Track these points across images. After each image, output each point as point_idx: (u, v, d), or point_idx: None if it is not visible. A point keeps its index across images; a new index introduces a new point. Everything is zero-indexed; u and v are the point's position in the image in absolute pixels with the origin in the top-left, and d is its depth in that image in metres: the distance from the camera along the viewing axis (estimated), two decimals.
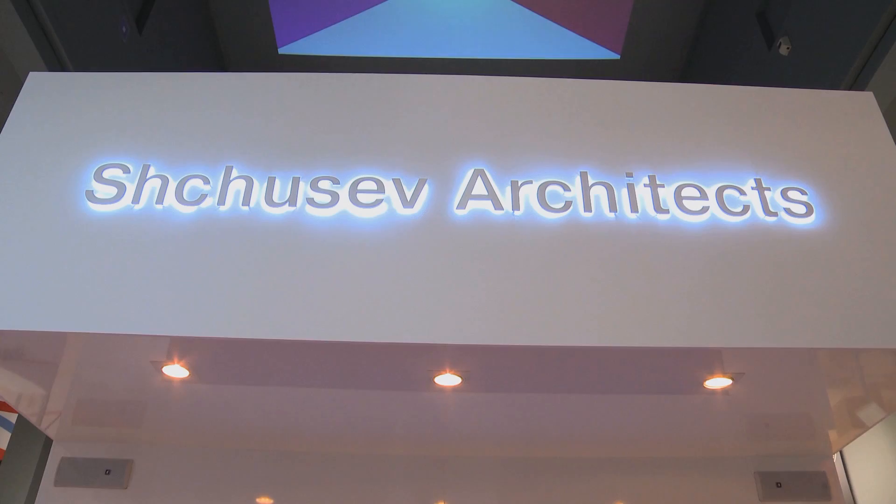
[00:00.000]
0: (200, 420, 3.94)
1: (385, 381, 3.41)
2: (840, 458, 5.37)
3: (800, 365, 3.28)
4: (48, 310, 2.98)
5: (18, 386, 3.62)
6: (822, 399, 3.68)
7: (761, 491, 4.10)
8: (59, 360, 3.35)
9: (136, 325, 2.98)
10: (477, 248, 3.18)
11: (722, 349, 3.05)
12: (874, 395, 3.65)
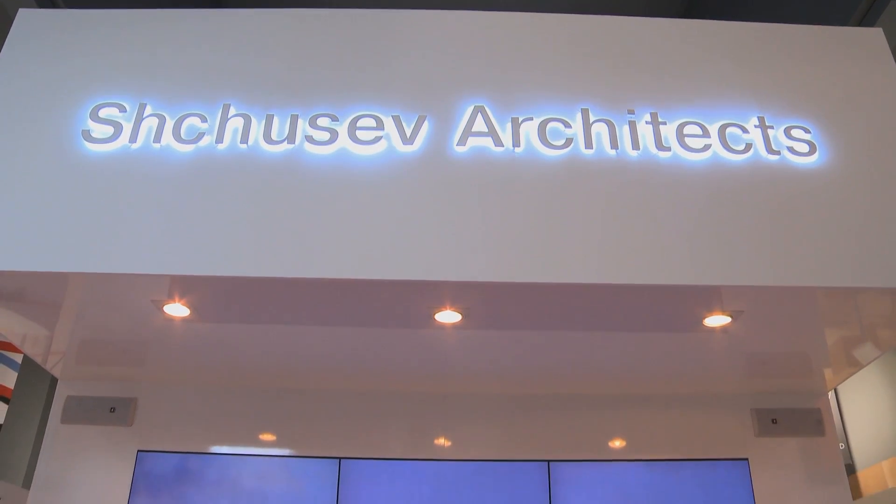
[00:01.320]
0: (203, 359, 3.97)
1: (385, 318, 3.43)
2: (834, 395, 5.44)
3: (798, 304, 3.30)
4: (49, 250, 3.00)
5: (22, 327, 3.65)
6: (819, 338, 3.71)
7: (757, 427, 4.16)
8: (61, 300, 3.36)
9: (136, 264, 2.99)
10: (477, 186, 3.17)
11: (721, 287, 3.06)
12: (870, 334, 3.67)
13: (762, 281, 3.04)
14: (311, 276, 2.97)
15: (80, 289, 3.24)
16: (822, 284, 3.06)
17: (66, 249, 3.00)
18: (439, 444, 4.14)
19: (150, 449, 4.08)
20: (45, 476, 4.02)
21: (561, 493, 4.00)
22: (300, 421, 4.18)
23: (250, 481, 4.01)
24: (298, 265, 2.97)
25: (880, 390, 7.51)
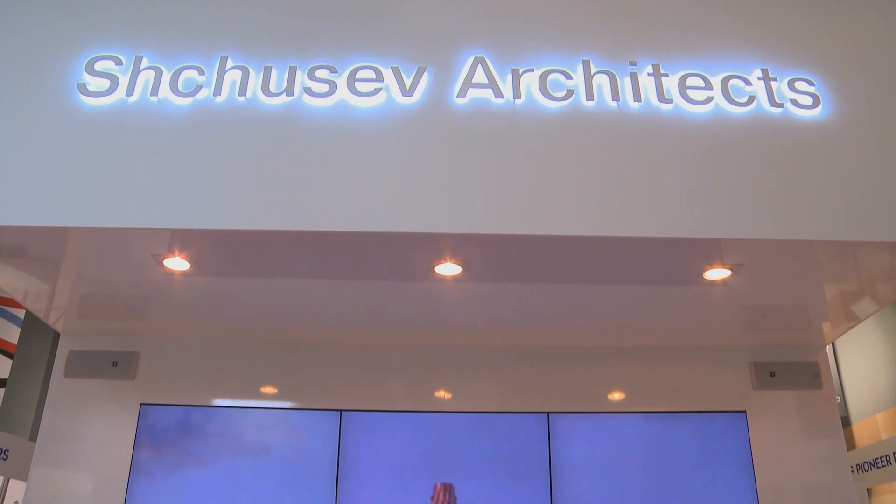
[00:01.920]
0: (204, 312, 3.99)
1: (386, 270, 3.43)
2: (831, 349, 5.47)
3: (799, 257, 3.30)
4: (48, 205, 2.99)
5: (24, 282, 3.66)
6: (818, 292, 3.72)
7: (755, 380, 4.21)
8: (61, 255, 3.36)
9: (136, 218, 2.98)
10: (477, 137, 3.15)
11: (722, 240, 3.06)
12: (869, 289, 3.69)
13: (762, 234, 3.04)
14: (311, 229, 2.96)
15: (81, 243, 3.23)
16: (822, 238, 3.06)
17: (65, 204, 2.99)
18: (439, 396, 4.18)
19: (152, 402, 4.12)
20: (50, 429, 4.08)
21: (560, 444, 4.05)
22: (301, 374, 4.22)
23: (252, 433, 4.06)
24: (298, 218, 2.97)
25: (877, 344, 7.57)
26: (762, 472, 4.03)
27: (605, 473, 4.01)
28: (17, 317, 7.09)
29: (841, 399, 7.82)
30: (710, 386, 4.23)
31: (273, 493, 3.93)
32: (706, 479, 4.01)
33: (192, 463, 4.00)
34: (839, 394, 7.70)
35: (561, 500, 3.93)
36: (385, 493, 3.94)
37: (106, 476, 3.98)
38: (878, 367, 7.52)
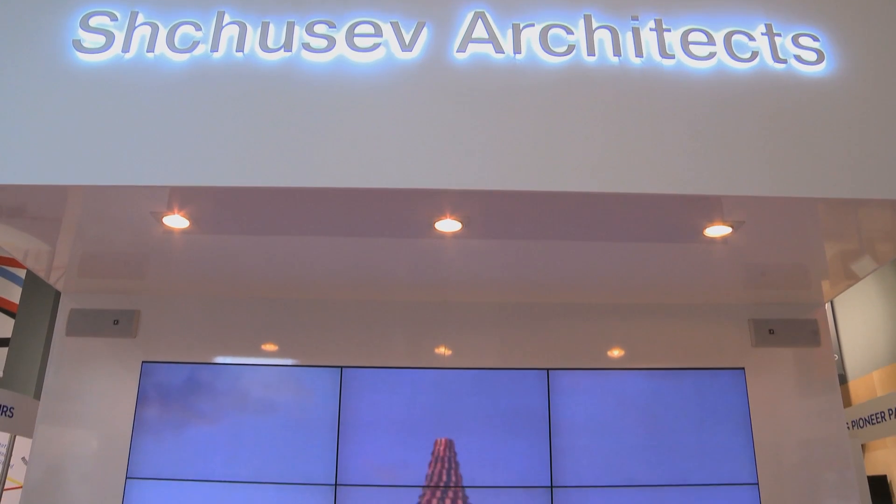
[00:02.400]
0: (204, 270, 4.00)
1: (386, 227, 3.43)
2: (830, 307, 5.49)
3: (800, 215, 3.29)
4: (46, 164, 2.97)
5: (24, 242, 3.66)
6: (818, 250, 3.72)
7: (754, 337, 4.23)
8: (60, 214, 3.36)
9: (135, 175, 2.97)
10: (477, 93, 3.12)
11: (723, 197, 3.04)
12: (869, 247, 3.69)
13: (764, 191, 3.02)
14: (310, 186, 2.95)
15: (79, 202, 3.22)
16: (824, 196, 3.05)
17: (63, 162, 2.98)
18: (439, 352, 4.20)
19: (154, 360, 4.15)
20: (53, 387, 4.11)
21: (560, 400, 4.09)
22: (302, 331, 4.24)
23: (254, 390, 4.09)
24: (297, 174, 2.95)
25: (875, 303, 7.61)
26: (760, 428, 4.08)
27: (605, 429, 4.05)
28: (18, 277, 7.12)
29: (838, 357, 7.89)
30: (710, 343, 4.25)
31: (275, 447, 3.98)
32: (704, 435, 4.06)
33: (194, 419, 4.04)
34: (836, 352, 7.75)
35: (560, 455, 3.98)
36: (386, 447, 3.99)
37: (109, 432, 4.02)
38: (875, 326, 7.57)
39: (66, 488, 3.95)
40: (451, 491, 3.93)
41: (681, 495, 3.95)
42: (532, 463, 3.97)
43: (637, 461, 4.00)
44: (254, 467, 3.96)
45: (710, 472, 4.00)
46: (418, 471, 3.96)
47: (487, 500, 3.92)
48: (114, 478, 3.95)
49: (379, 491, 3.92)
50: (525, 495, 3.92)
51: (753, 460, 4.02)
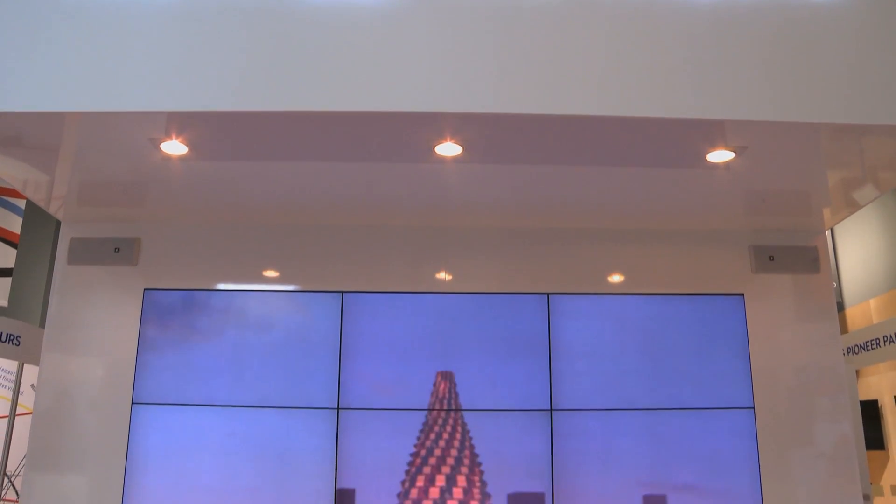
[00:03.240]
0: (204, 197, 3.98)
1: (385, 151, 3.40)
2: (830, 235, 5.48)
3: (803, 141, 3.26)
4: (43, 90, 2.93)
5: (23, 172, 3.65)
6: (820, 177, 3.70)
7: (754, 263, 4.24)
8: (58, 142, 3.33)
9: (132, 101, 2.93)
10: (478, 14, 3.04)
11: (725, 121, 3.01)
12: (871, 176, 3.67)
13: (767, 116, 2.98)
14: (308, 109, 2.91)
15: (77, 129, 3.19)
16: (828, 121, 3.01)
17: (60, 88, 2.94)
18: (440, 277, 4.23)
19: (156, 287, 4.18)
20: (57, 316, 4.15)
21: (560, 324, 4.13)
22: (303, 256, 4.25)
23: (256, 317, 4.13)
24: (295, 98, 2.91)
25: (874, 231, 7.62)
26: (757, 354, 4.13)
27: (604, 353, 4.11)
28: (18, 207, 7.11)
29: (836, 284, 7.94)
30: (709, 269, 4.27)
31: (277, 372, 4.05)
32: (703, 360, 4.12)
33: (196, 346, 4.09)
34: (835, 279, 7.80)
35: (560, 378, 4.05)
36: (387, 371, 4.05)
37: (114, 359, 4.08)
38: (873, 254, 7.60)
39: (74, 414, 4.03)
40: (451, 414, 4.01)
41: (678, 418, 4.03)
42: (532, 386, 4.04)
43: (636, 385, 4.07)
44: (257, 392, 4.03)
45: (708, 396, 4.07)
46: (419, 394, 4.03)
47: (487, 422, 4.00)
48: (120, 403, 4.02)
49: (380, 414, 4.00)
50: (525, 418, 4.00)
51: (750, 385, 4.09)
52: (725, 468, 3.99)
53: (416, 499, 3.92)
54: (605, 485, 3.95)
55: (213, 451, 3.96)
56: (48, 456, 3.96)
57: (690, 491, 3.96)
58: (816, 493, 3.97)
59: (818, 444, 4.04)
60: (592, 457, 3.97)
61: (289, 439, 3.96)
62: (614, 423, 4.02)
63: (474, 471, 3.96)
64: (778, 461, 4.00)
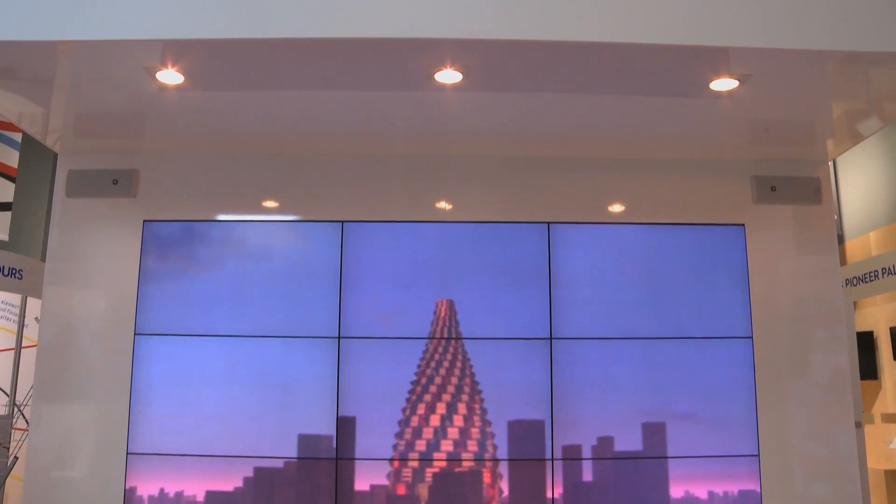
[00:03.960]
0: (202, 127, 3.94)
1: (385, 79, 3.35)
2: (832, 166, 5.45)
3: (810, 70, 3.20)
4: (35, 18, 2.87)
5: (17, 104, 3.62)
6: (825, 107, 3.66)
7: (756, 194, 4.22)
8: (52, 73, 3.28)
9: (126, 29, 2.87)
10: None
11: (730, 48, 2.95)
12: (877, 107, 3.63)
13: (774, 43, 2.93)
14: (307, 36, 2.86)
15: (71, 59, 3.14)
16: (835, 48, 2.96)
17: (53, 17, 2.88)
18: (440, 206, 4.22)
19: (155, 219, 4.17)
20: (57, 249, 4.16)
21: (560, 253, 4.14)
22: (303, 186, 4.24)
23: (256, 247, 4.14)
24: (293, 24, 2.85)
25: (877, 163, 7.58)
26: (757, 284, 4.15)
27: (604, 282, 4.12)
28: (14, 140, 7.06)
29: (837, 217, 7.94)
30: (710, 198, 4.25)
31: (278, 302, 4.07)
32: (702, 290, 4.14)
33: (197, 276, 4.11)
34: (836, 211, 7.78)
35: (560, 307, 4.08)
36: (388, 300, 4.08)
37: (116, 291, 4.10)
38: (875, 186, 7.57)
39: (78, 346, 4.07)
40: (452, 343, 4.05)
41: (677, 347, 4.08)
42: (532, 315, 4.07)
43: (635, 314, 4.11)
44: (258, 322, 4.07)
45: (706, 326, 4.11)
46: (420, 322, 4.07)
47: (487, 351, 4.05)
48: (123, 334, 4.06)
49: (381, 342, 4.04)
50: (525, 346, 4.05)
51: (749, 315, 4.12)
52: (722, 397, 4.06)
53: (417, 426, 3.99)
54: (604, 412, 4.01)
55: (216, 381, 4.02)
56: (54, 387, 4.02)
57: (688, 419, 4.04)
58: (810, 421, 4.05)
59: (814, 374, 4.09)
60: (591, 385, 4.03)
61: (290, 368, 4.02)
62: (613, 352, 4.06)
63: (474, 398, 4.02)
64: (774, 390, 4.07)
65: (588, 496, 3.96)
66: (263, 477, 3.94)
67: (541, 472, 3.96)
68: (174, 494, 3.93)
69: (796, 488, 3.99)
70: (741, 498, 3.97)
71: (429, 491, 3.95)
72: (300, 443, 3.96)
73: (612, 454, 4.00)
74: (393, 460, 3.97)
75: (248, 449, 3.95)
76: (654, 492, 3.98)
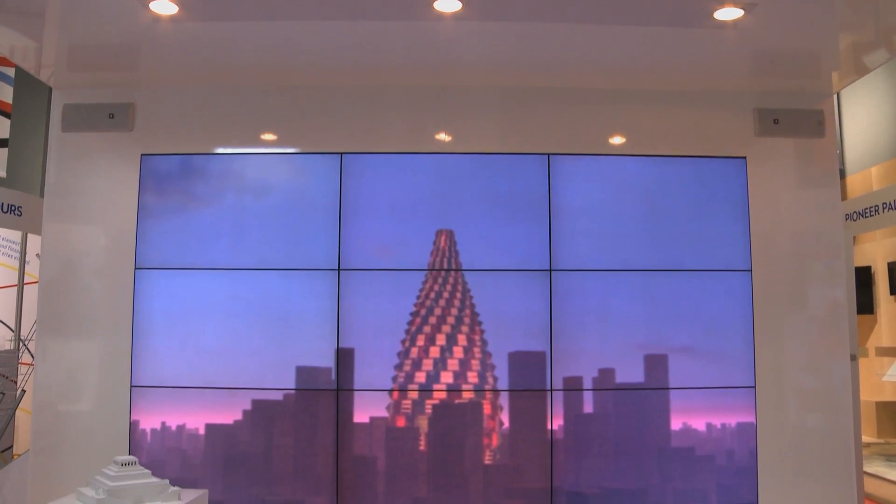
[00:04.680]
0: (197, 59, 3.88)
1: (383, 8, 3.29)
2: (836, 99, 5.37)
3: None
4: None
5: (9, 38, 3.57)
6: (831, 39, 3.61)
7: (758, 126, 4.17)
8: (43, 5, 3.23)
9: None
10: None
11: None
12: (885, 38, 3.57)
13: None
14: None
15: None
16: None
17: None
18: (439, 137, 4.18)
19: (153, 152, 4.14)
20: (55, 185, 4.14)
21: (560, 185, 4.12)
22: (301, 118, 4.19)
23: (255, 179, 4.13)
24: None
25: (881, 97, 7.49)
26: (757, 218, 4.14)
27: (604, 214, 4.12)
28: (7, 76, 6.96)
29: (839, 151, 7.89)
30: (712, 131, 4.21)
31: (278, 234, 4.08)
32: (702, 223, 4.14)
33: (196, 210, 4.10)
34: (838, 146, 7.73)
35: (560, 239, 4.08)
36: (387, 232, 4.08)
37: (115, 226, 4.10)
38: (878, 120, 7.50)
39: (80, 281, 4.09)
40: (451, 274, 4.07)
41: (676, 280, 4.10)
42: (532, 247, 4.08)
43: (635, 246, 4.11)
44: (258, 255, 4.08)
45: (706, 258, 4.12)
46: (419, 254, 4.08)
47: (487, 282, 4.07)
48: (123, 269, 4.07)
49: (380, 274, 4.06)
50: (524, 278, 4.06)
51: (748, 248, 4.13)
52: (720, 329, 4.10)
53: (417, 358, 4.04)
54: (604, 344, 4.06)
55: (217, 314, 4.06)
56: (58, 322, 4.05)
57: (686, 351, 4.08)
58: (806, 354, 4.09)
59: (811, 307, 4.12)
60: (591, 317, 4.07)
61: (291, 301, 4.04)
62: (613, 284, 4.08)
63: (475, 330, 4.06)
64: (772, 323, 4.10)
65: (588, 427, 4.04)
66: (263, 409, 4.00)
67: (541, 403, 4.03)
68: (176, 427, 4.00)
69: (790, 419, 4.06)
70: (737, 429, 4.04)
71: (428, 422, 4.02)
72: (300, 375, 4.01)
73: (612, 385, 4.05)
74: (393, 391, 4.03)
75: (249, 381, 4.01)
76: (652, 423, 4.05)
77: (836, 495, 4.00)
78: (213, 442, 3.99)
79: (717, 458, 4.03)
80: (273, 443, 3.99)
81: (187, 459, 3.98)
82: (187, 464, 3.98)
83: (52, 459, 3.95)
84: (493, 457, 4.03)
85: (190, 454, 3.99)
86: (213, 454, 3.98)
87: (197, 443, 3.99)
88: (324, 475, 3.97)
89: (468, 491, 3.97)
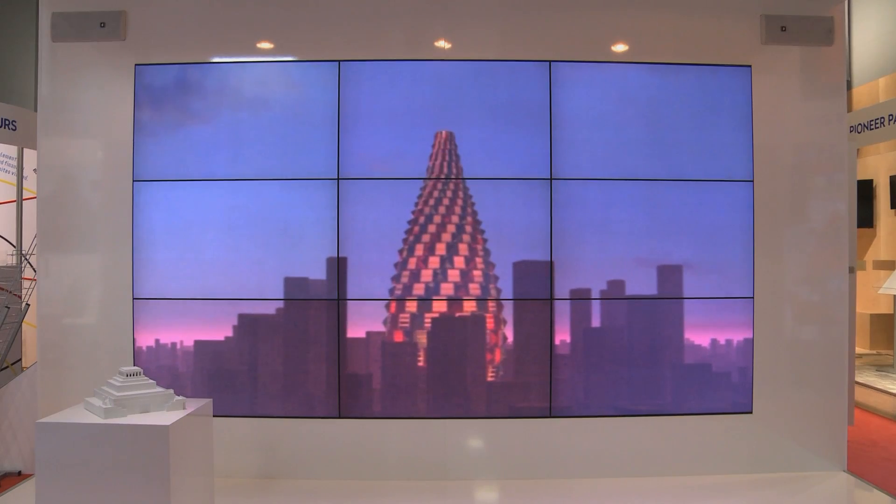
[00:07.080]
0: None
1: None
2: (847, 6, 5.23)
3: None
4: None
5: None
6: None
7: (764, 34, 4.05)
8: None
9: None
10: None
11: None
12: None
13: None
14: None
15: None
16: None
17: None
18: (439, 44, 4.07)
19: (147, 62, 4.05)
20: (49, 98, 4.06)
21: (561, 93, 4.05)
22: (298, 25, 4.08)
23: (252, 88, 4.05)
24: None
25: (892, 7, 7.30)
26: (760, 128, 4.09)
27: (606, 122, 4.06)
28: None
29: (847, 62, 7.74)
30: (717, 38, 4.10)
31: (276, 144, 4.03)
32: (704, 132, 4.09)
33: (193, 120, 4.04)
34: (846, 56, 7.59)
35: (560, 147, 4.03)
36: (386, 141, 4.03)
37: (111, 138, 4.06)
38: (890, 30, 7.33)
39: (78, 195, 4.07)
40: (451, 182, 4.03)
41: (678, 189, 4.07)
42: (532, 155, 4.04)
43: (637, 155, 4.07)
44: (257, 165, 4.04)
45: (708, 168, 4.09)
46: (419, 163, 4.04)
47: (487, 191, 4.04)
48: (121, 181, 4.05)
49: (380, 184, 4.03)
50: (525, 186, 4.03)
51: (751, 158, 4.09)
52: (721, 240, 4.09)
53: (416, 269, 4.04)
54: (605, 254, 4.06)
55: (217, 225, 4.05)
56: (58, 237, 4.05)
57: (687, 262, 4.09)
58: (806, 266, 4.11)
59: (812, 220, 4.11)
60: (592, 227, 4.05)
61: (290, 211, 4.02)
62: (614, 193, 4.06)
63: (476, 239, 4.05)
64: (772, 235, 4.10)
65: (591, 338, 4.08)
66: (263, 319, 4.04)
67: (544, 313, 4.05)
68: (178, 340, 4.04)
69: (786, 330, 4.10)
70: (735, 342, 4.08)
71: (428, 337, 4.05)
72: (299, 285, 4.03)
73: (614, 296, 4.08)
74: (391, 300, 4.04)
75: (248, 291, 4.04)
76: (652, 332, 4.09)
77: (827, 405, 4.08)
78: (210, 354, 4.04)
79: (714, 367, 4.09)
80: (273, 354, 4.04)
81: (184, 371, 4.05)
82: (185, 376, 4.05)
83: (60, 371, 4.02)
84: (496, 373, 4.07)
85: (183, 370, 4.05)
86: (209, 367, 4.05)
87: (192, 356, 4.04)
88: (330, 385, 4.03)
89: (471, 405, 4.04)
